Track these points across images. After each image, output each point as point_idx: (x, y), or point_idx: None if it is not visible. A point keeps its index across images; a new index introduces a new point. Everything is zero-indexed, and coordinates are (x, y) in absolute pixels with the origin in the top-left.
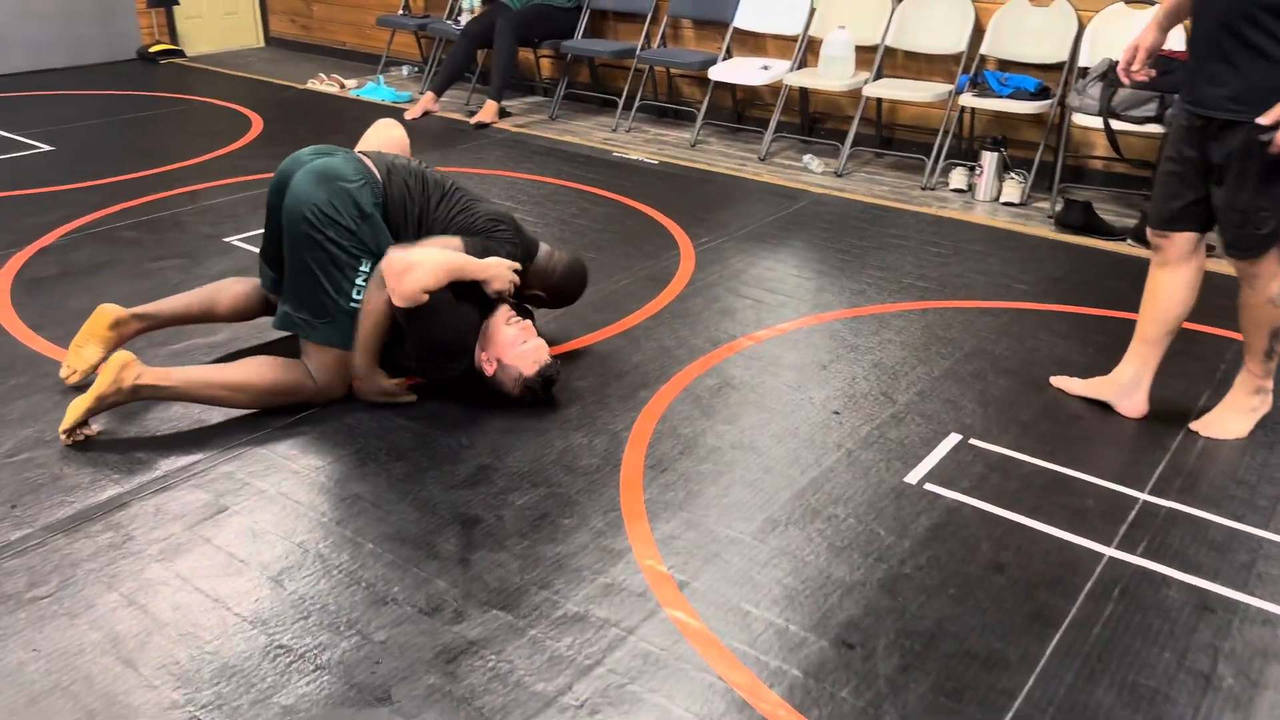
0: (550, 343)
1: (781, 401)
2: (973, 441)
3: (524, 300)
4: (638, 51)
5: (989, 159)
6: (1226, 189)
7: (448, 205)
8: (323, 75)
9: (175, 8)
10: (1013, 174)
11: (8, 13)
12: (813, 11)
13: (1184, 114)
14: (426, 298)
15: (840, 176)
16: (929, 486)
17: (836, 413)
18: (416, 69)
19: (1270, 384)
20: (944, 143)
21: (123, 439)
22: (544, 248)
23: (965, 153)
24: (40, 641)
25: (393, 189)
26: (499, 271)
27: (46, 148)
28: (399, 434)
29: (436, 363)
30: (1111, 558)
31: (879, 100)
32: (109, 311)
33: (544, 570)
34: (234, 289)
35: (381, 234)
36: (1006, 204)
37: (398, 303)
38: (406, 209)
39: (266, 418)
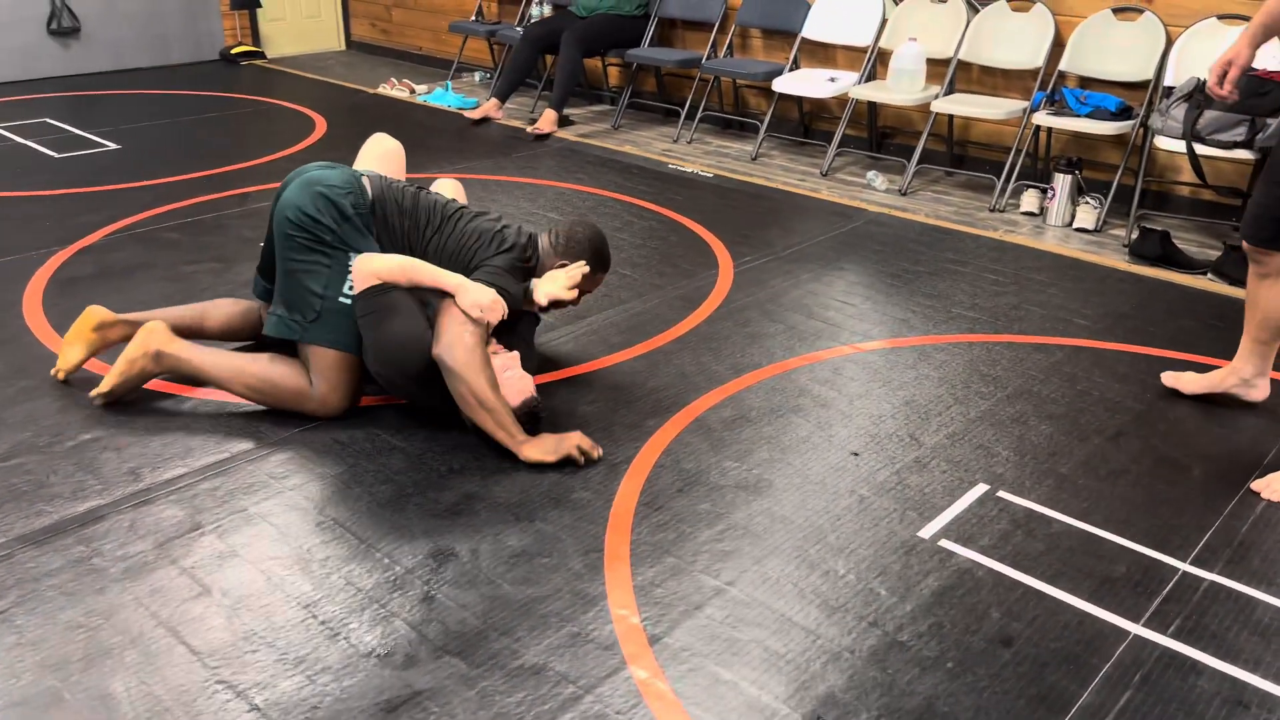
0: (564, 363)
1: (797, 438)
2: (1001, 494)
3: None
4: (703, 61)
5: (1062, 181)
6: None
7: (439, 236)
8: (393, 80)
9: (259, 10)
10: (1088, 198)
11: (95, 12)
12: (884, 22)
13: None
14: (376, 280)
15: (904, 195)
16: (944, 543)
17: (855, 454)
18: (488, 75)
19: None
20: (1016, 163)
21: (117, 447)
22: (543, 243)
23: (1040, 174)
24: None
25: (383, 202)
26: (474, 300)
27: (114, 146)
28: (391, 455)
29: (395, 381)
30: (1137, 636)
31: (950, 116)
32: (95, 314)
33: (509, 614)
34: (226, 308)
35: (363, 237)
36: (1080, 230)
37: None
38: (391, 224)
39: (263, 430)
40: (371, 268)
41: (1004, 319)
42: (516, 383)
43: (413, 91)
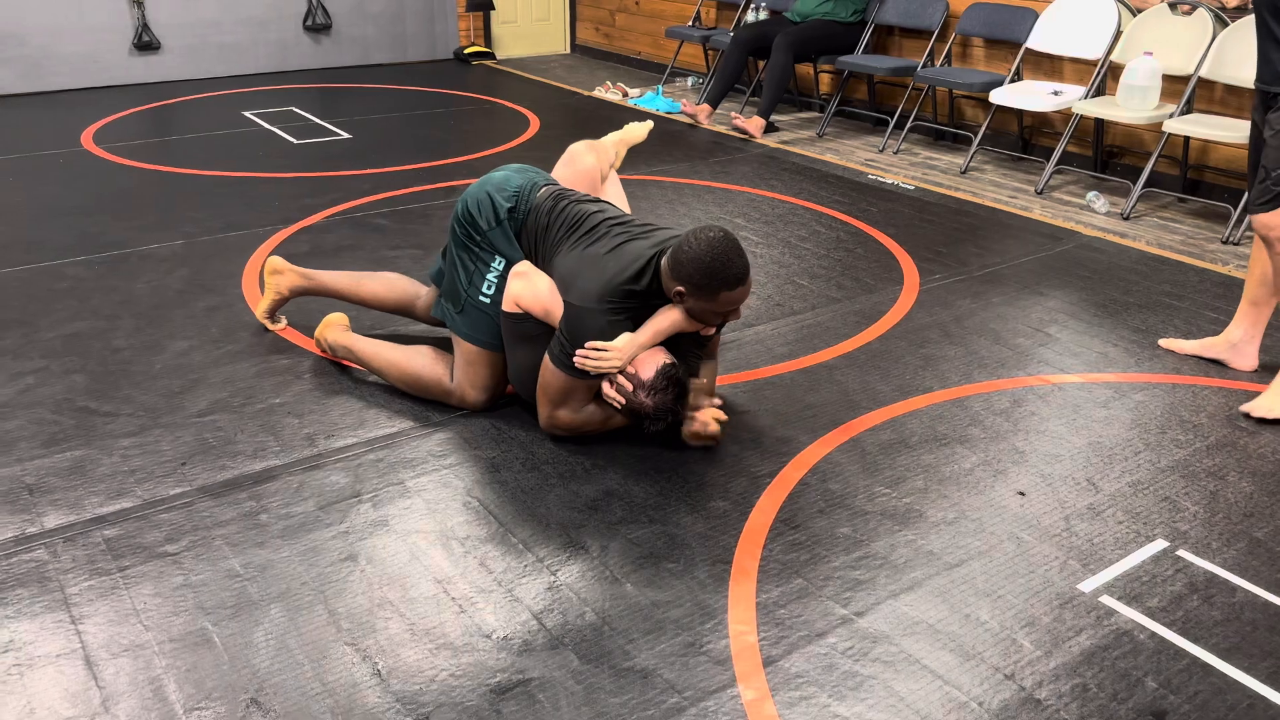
0: (722, 370)
1: (959, 470)
2: (1181, 552)
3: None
4: (918, 69)
5: None
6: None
7: (559, 250)
8: (609, 83)
9: (492, 13)
10: None
11: (345, 10)
12: (1118, 35)
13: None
14: (516, 307)
15: (1126, 219)
16: (1105, 599)
17: (1021, 493)
18: (700, 79)
19: None
20: None
21: (299, 413)
22: (663, 262)
23: None
24: (147, 599)
25: (537, 211)
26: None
27: (346, 136)
28: (541, 444)
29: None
30: None
31: (1185, 138)
32: (270, 262)
33: (628, 615)
34: (379, 282)
35: (510, 244)
36: None
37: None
38: (532, 231)
39: (429, 411)
40: (514, 291)
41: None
42: (648, 358)
43: (625, 95)
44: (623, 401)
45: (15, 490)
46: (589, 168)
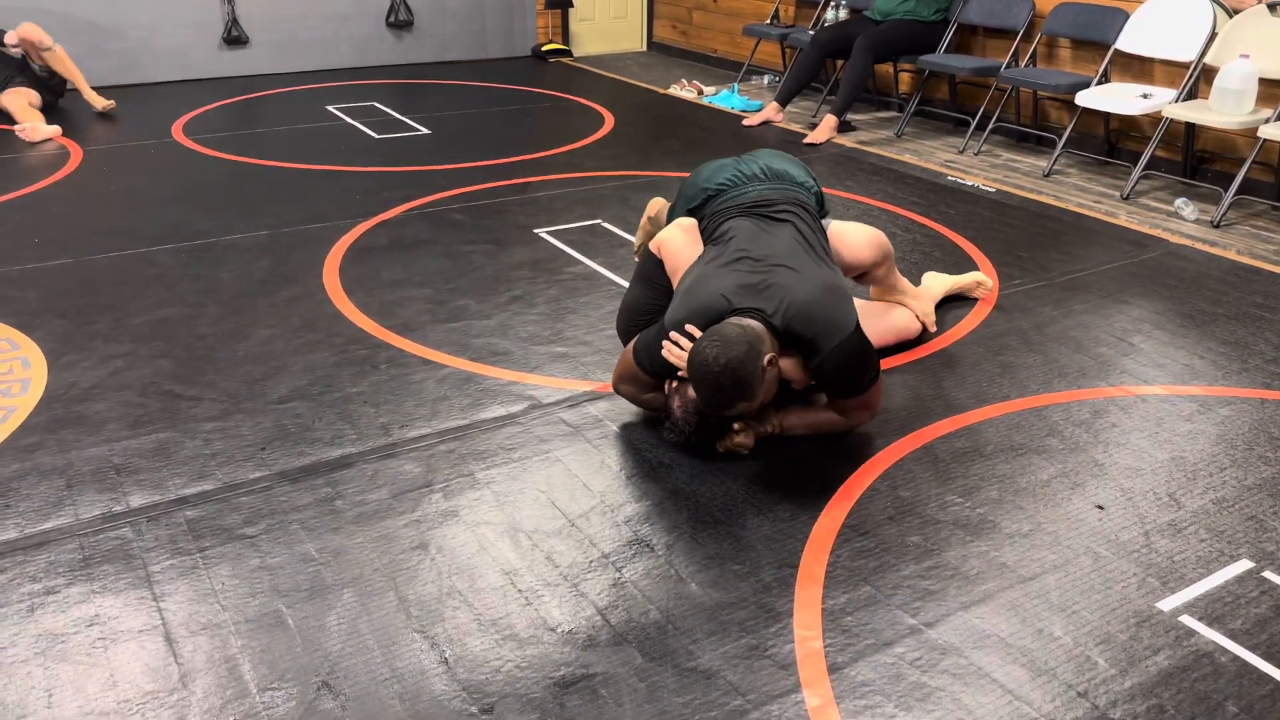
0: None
1: (1035, 481)
2: (1267, 574)
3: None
4: (1001, 70)
5: None
6: None
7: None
8: (684, 80)
9: (570, 10)
10: None
11: (426, 7)
12: (1213, 36)
13: None
14: (654, 246)
15: (1216, 227)
16: (1185, 619)
17: (1100, 507)
18: (776, 78)
19: None
20: None
21: (375, 403)
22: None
23: None
24: (225, 579)
25: (717, 219)
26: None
27: (425, 131)
28: (611, 442)
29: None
30: None
31: None
32: (654, 200)
33: (692, 614)
34: None
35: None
36: None
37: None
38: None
39: (502, 404)
40: (664, 237)
41: None
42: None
43: (700, 93)
44: (667, 392)
45: (103, 469)
46: (852, 248)
